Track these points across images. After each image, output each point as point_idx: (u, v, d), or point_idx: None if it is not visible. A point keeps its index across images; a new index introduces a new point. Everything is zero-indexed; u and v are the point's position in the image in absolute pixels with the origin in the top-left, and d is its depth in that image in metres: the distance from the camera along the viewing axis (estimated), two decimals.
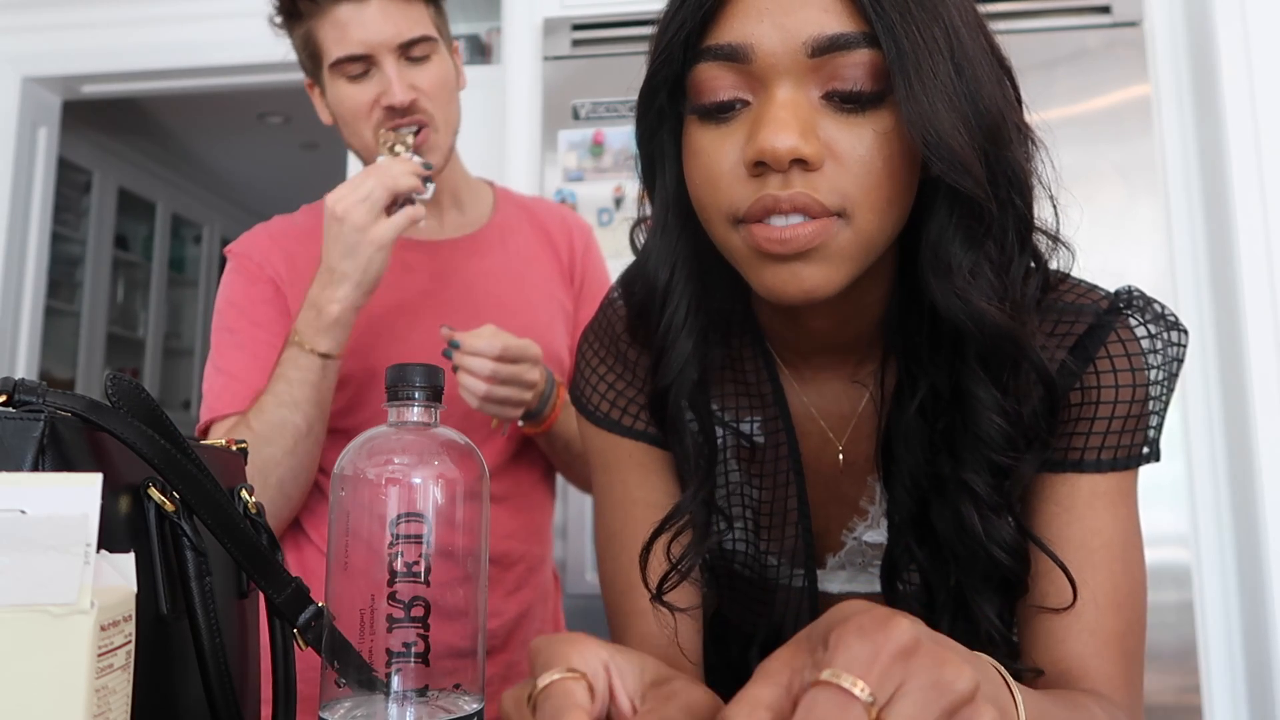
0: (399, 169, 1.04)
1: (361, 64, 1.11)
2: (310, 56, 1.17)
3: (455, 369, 1.05)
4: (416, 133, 1.11)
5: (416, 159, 1.07)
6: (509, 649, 1.16)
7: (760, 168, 0.56)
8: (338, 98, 1.15)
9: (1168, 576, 1.80)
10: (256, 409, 1.04)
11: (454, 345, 1.05)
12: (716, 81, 0.58)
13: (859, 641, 0.37)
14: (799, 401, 0.72)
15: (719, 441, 0.73)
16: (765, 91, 0.56)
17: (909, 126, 0.54)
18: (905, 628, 0.37)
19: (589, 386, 0.78)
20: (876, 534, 0.71)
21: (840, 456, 0.71)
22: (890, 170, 0.56)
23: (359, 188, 1.02)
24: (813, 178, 0.55)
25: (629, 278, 0.73)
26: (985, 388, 0.60)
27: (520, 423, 1.13)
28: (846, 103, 0.56)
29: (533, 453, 1.21)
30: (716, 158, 0.58)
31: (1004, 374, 0.60)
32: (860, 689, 0.36)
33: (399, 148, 1.08)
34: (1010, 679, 0.47)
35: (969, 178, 0.55)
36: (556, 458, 1.20)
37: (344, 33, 1.10)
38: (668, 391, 0.67)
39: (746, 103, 0.58)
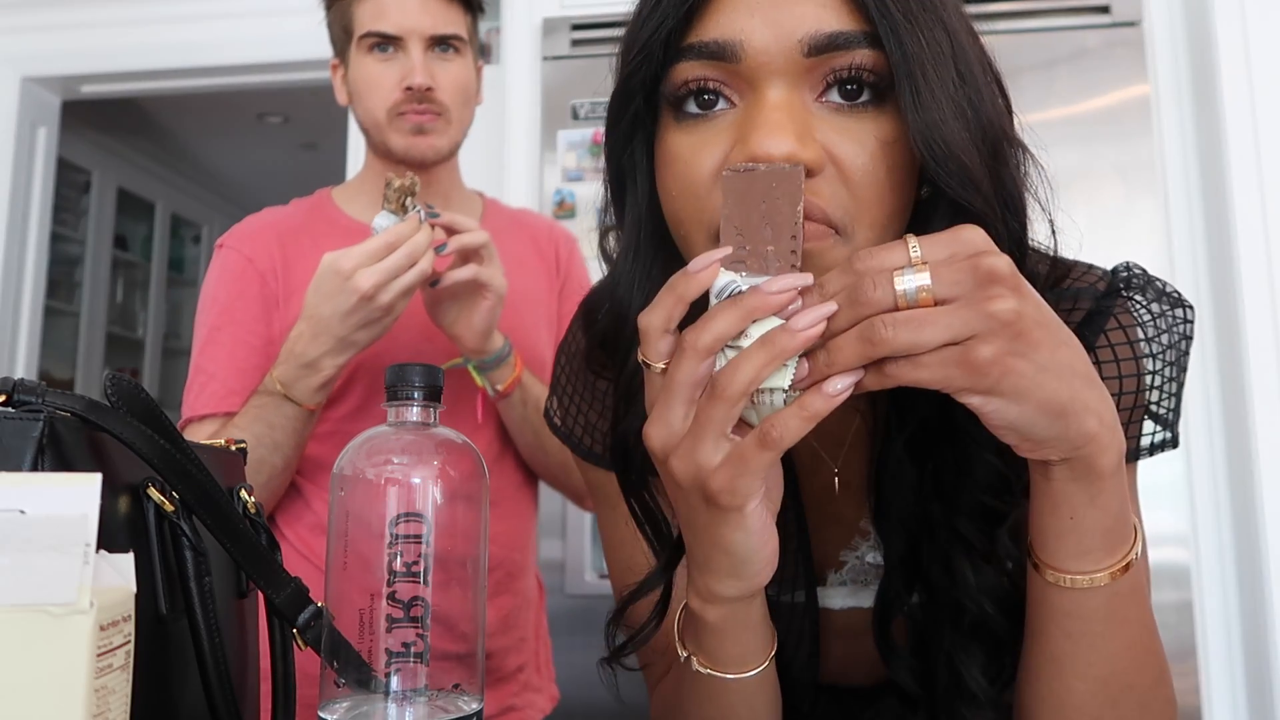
0: (423, 247, 0.99)
1: (390, 43, 1.15)
2: (343, 29, 1.20)
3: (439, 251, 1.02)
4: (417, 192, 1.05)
5: (422, 211, 1.02)
6: (492, 656, 1.15)
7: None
8: (360, 72, 1.17)
9: (1167, 576, 1.80)
10: None
11: (433, 214, 1.03)
12: (699, 82, 0.54)
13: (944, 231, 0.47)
14: None
15: None
16: (755, 93, 0.52)
17: (915, 137, 0.50)
18: (980, 233, 0.46)
19: (565, 413, 0.75)
20: (880, 555, 0.68)
21: (835, 480, 0.67)
22: (893, 182, 0.52)
23: (388, 267, 0.97)
24: (814, 185, 0.51)
25: (593, 304, 0.68)
26: (977, 424, 0.57)
27: (479, 378, 1.11)
28: (844, 107, 0.52)
29: (514, 458, 1.21)
30: (695, 165, 0.54)
31: None
32: (913, 246, 0.45)
33: (408, 201, 1.01)
34: (1140, 529, 0.53)
35: (978, 195, 0.52)
36: (524, 439, 1.18)
37: (381, 11, 1.15)
38: (631, 438, 0.61)
39: (731, 104, 0.54)
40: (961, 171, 0.51)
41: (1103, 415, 0.46)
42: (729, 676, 0.57)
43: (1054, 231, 0.60)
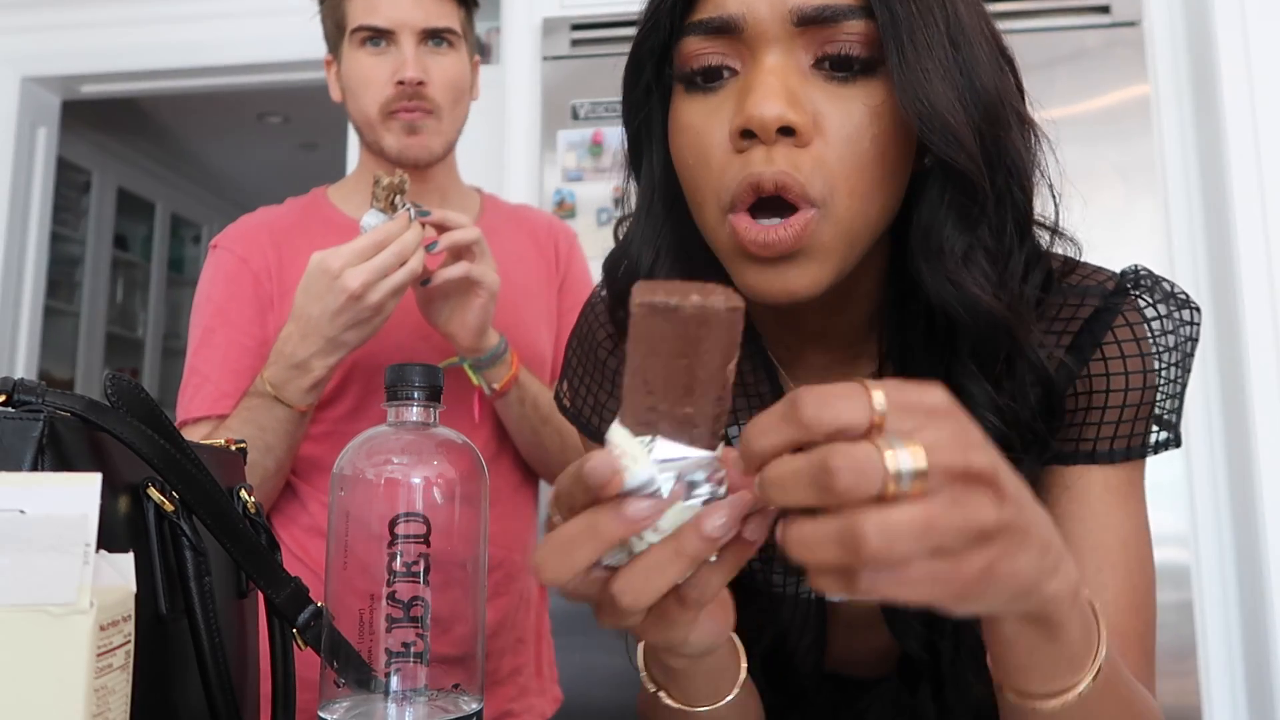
0: (412, 246, 0.98)
1: (382, 37, 1.15)
2: (335, 24, 1.19)
3: (429, 249, 1.01)
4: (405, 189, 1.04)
5: (412, 209, 1.01)
6: (488, 657, 1.15)
7: (747, 139, 0.54)
8: (352, 66, 1.16)
9: (1167, 576, 1.80)
10: None
11: (423, 212, 1.02)
12: (705, 52, 0.57)
13: (902, 383, 0.38)
14: None
15: None
16: (753, 59, 0.55)
17: (900, 95, 0.52)
18: (949, 399, 0.38)
19: (577, 396, 0.77)
20: None
21: None
22: (877, 151, 0.54)
23: (376, 265, 0.96)
24: (798, 157, 0.53)
25: (612, 263, 0.70)
26: (978, 383, 0.58)
27: (474, 377, 1.11)
28: (836, 71, 0.54)
29: (512, 457, 1.21)
30: (705, 133, 0.56)
31: (997, 368, 0.58)
32: (878, 399, 0.36)
33: (398, 199, 1.00)
34: (1101, 623, 0.47)
35: (962, 152, 0.53)
36: (522, 437, 1.18)
37: (373, 5, 1.14)
38: None
39: (735, 73, 0.56)
40: (945, 129, 0.53)
41: (1063, 571, 0.42)
42: (701, 710, 0.55)
43: (1056, 201, 0.61)
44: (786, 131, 0.53)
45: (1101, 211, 1.92)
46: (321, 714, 0.57)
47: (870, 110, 0.54)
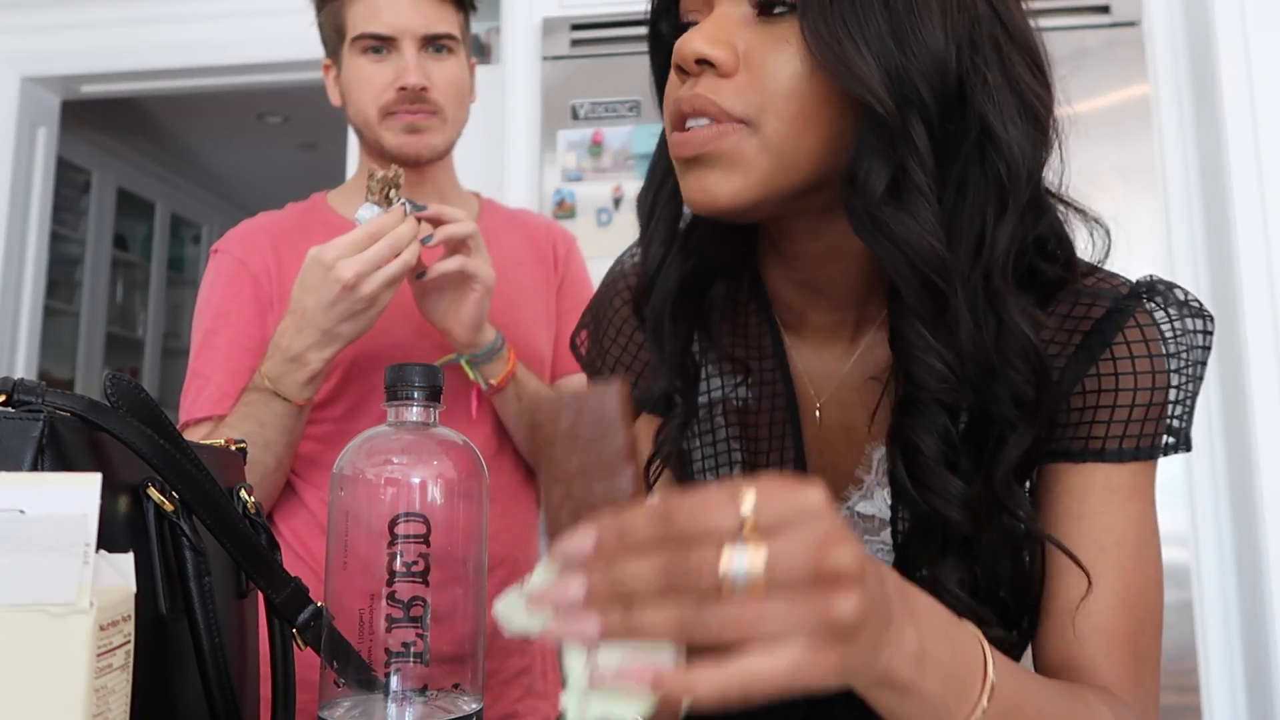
0: (407, 238, 0.98)
1: (383, 44, 1.15)
2: (335, 30, 1.20)
3: (425, 241, 1.02)
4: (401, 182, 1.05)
5: (407, 204, 1.01)
6: (490, 656, 1.14)
7: (680, 75, 0.60)
8: (353, 73, 1.17)
9: (1167, 576, 1.79)
10: None
11: (419, 207, 1.02)
12: (686, 11, 0.63)
13: (777, 485, 0.39)
14: (796, 359, 0.72)
15: (713, 394, 0.74)
16: (709, 12, 0.61)
17: (802, 25, 0.56)
18: (822, 499, 0.40)
19: (590, 344, 0.81)
20: (870, 505, 0.70)
21: (818, 413, 0.70)
22: (801, 80, 0.57)
23: (370, 257, 0.96)
24: (721, 84, 0.58)
25: (638, 205, 0.76)
26: (912, 325, 0.59)
27: (471, 373, 1.11)
28: (765, 11, 0.59)
29: (512, 455, 1.20)
30: (670, 73, 0.63)
31: (931, 310, 0.58)
32: (747, 505, 0.38)
33: (392, 193, 1.01)
34: (987, 646, 0.49)
35: (859, 84, 0.55)
36: (520, 434, 1.18)
37: (374, 12, 1.15)
38: (648, 296, 0.71)
39: None
40: (842, 61, 0.55)
41: (896, 644, 0.43)
42: None
43: (1036, 187, 0.64)
44: (709, 65, 0.58)
45: (1101, 211, 1.92)
46: (321, 714, 0.57)
47: (794, 46, 0.58)
